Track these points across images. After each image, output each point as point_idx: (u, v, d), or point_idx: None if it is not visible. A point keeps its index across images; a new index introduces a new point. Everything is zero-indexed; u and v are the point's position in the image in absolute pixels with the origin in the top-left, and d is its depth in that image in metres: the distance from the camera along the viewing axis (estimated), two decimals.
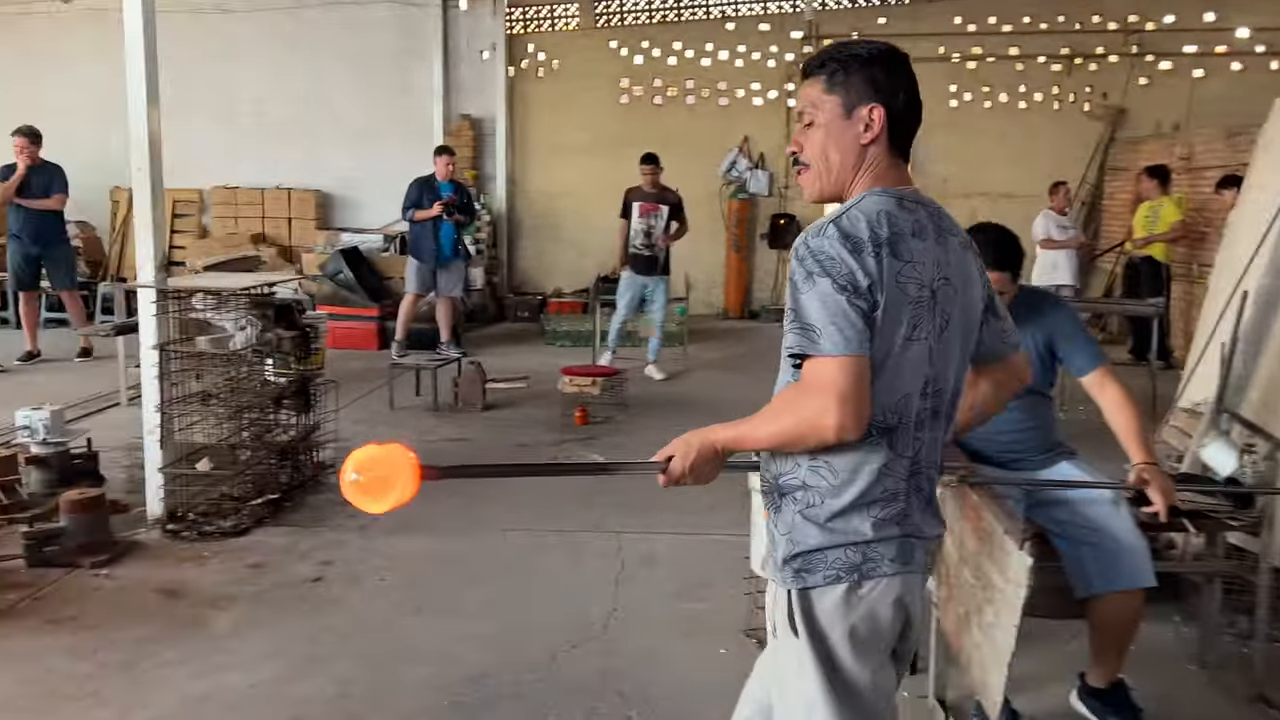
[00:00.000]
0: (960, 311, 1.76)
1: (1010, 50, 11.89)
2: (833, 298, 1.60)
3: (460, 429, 6.66)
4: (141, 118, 4.42)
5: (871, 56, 1.77)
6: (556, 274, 12.72)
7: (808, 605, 1.72)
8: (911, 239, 1.67)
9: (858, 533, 1.69)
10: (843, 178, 1.78)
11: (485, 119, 12.42)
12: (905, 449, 1.71)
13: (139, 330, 7.17)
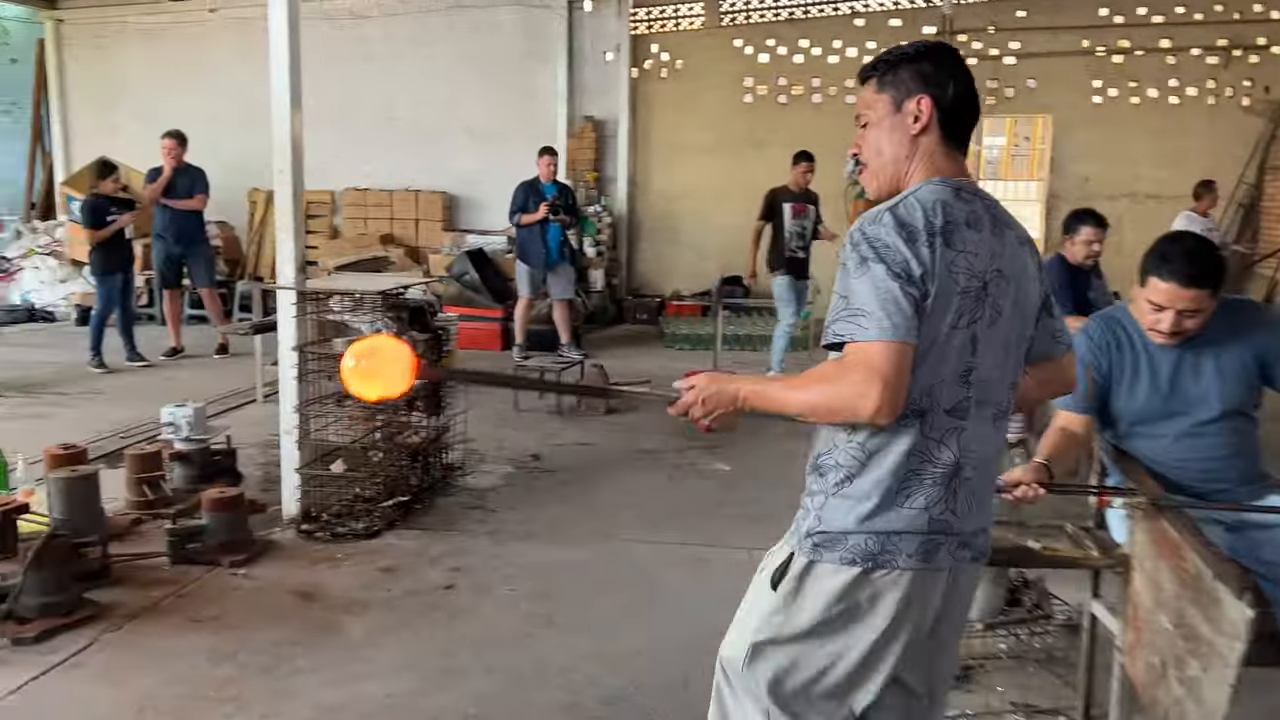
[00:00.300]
0: (1013, 305, 1.76)
1: (1161, 42, 11.20)
2: (885, 284, 1.61)
3: (584, 433, 6.59)
4: (285, 122, 4.46)
5: (919, 53, 1.81)
6: (675, 276, 12.60)
7: (810, 576, 1.75)
8: (966, 229, 1.68)
9: (881, 524, 1.70)
10: (898, 170, 1.81)
11: (608, 120, 12.38)
12: (939, 434, 1.71)
13: (276, 330, 7.41)
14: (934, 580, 1.75)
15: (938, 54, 1.81)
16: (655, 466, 5.84)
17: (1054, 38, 11.47)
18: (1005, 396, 1.81)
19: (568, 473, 5.68)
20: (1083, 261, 5.48)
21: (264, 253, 12.68)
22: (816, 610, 1.75)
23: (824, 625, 1.76)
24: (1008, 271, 1.75)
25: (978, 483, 1.77)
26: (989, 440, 1.79)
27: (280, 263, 4.57)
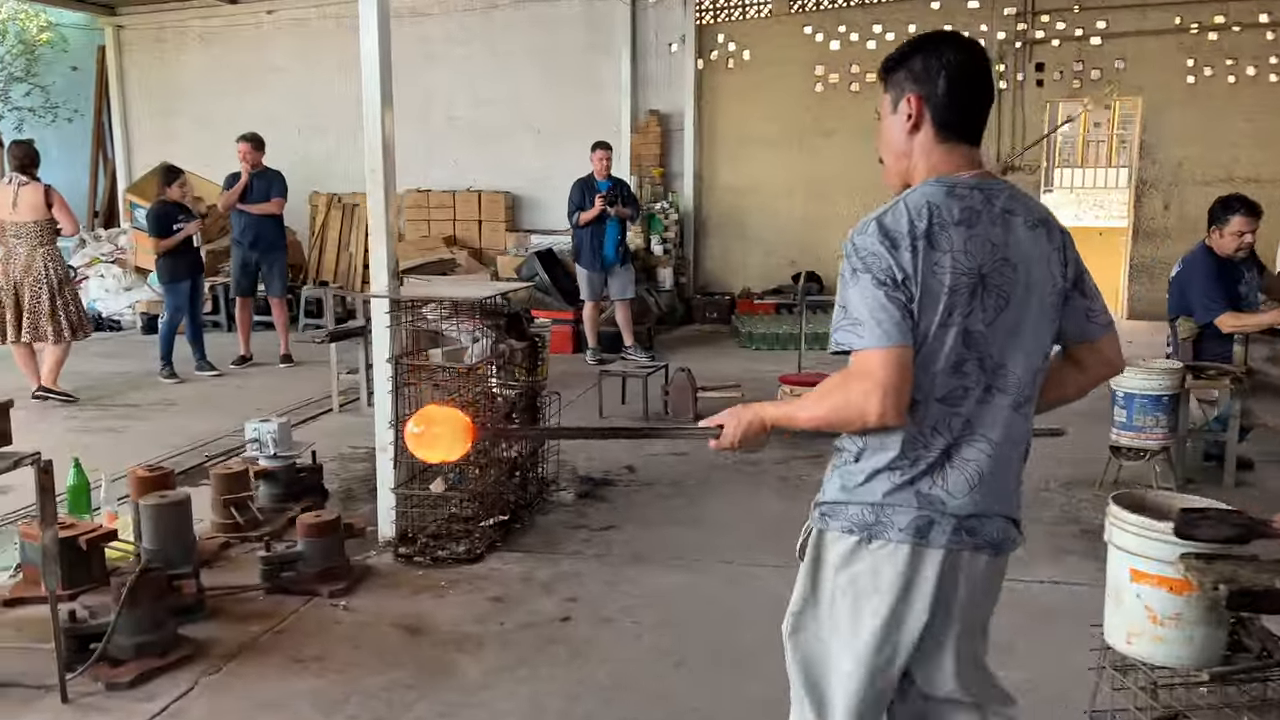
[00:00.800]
0: (1024, 290, 1.79)
1: (1260, 17, 10.59)
2: (873, 293, 1.70)
3: (675, 441, 6.25)
4: (376, 120, 4.20)
5: (912, 49, 1.85)
6: (744, 273, 12.22)
7: (821, 544, 1.91)
8: (954, 228, 1.73)
9: (869, 494, 1.81)
10: (901, 167, 1.88)
11: (673, 114, 12.02)
12: (931, 421, 1.78)
13: (351, 337, 7.18)
14: (929, 560, 1.81)
15: (929, 48, 1.83)
16: (759, 479, 5.49)
17: (1143, 15, 10.91)
18: (1024, 380, 1.83)
19: (667, 486, 5.35)
20: (1233, 253, 5.03)
21: (325, 257, 12.51)
22: (827, 577, 1.90)
23: (838, 594, 1.88)
24: (1015, 258, 1.79)
25: (983, 465, 1.81)
26: (1003, 425, 1.83)
27: (374, 269, 4.29)
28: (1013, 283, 1.79)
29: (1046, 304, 1.85)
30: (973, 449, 1.81)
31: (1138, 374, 4.84)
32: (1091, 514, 4.80)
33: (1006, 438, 1.84)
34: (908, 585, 1.82)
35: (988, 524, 1.85)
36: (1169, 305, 5.30)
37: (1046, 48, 11.15)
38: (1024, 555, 4.07)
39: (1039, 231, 1.84)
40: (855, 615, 1.87)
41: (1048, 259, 1.84)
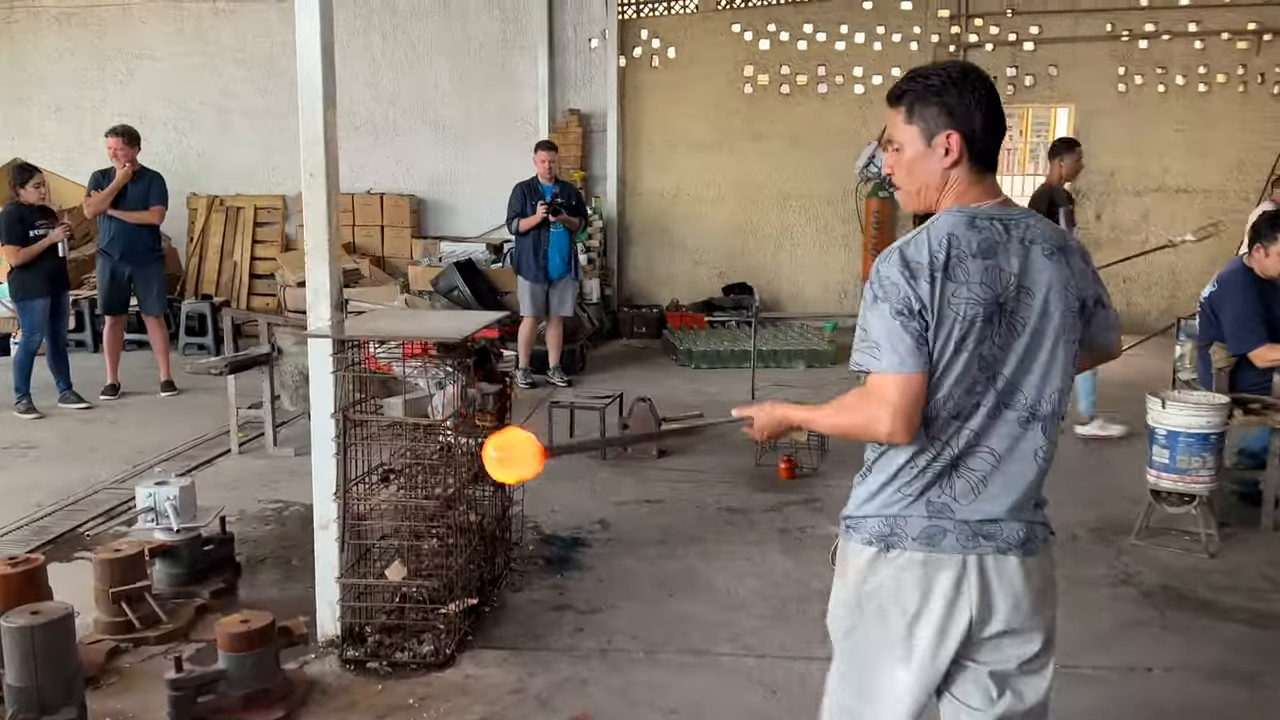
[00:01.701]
0: (1040, 316, 1.86)
1: (1188, 26, 10.51)
2: (890, 321, 1.80)
3: (644, 485, 5.48)
4: (318, 113, 3.29)
5: (943, 84, 1.88)
6: (671, 284, 11.53)
7: (845, 555, 2.00)
8: (971, 260, 1.81)
9: (883, 506, 1.91)
10: (930, 197, 1.93)
11: (594, 114, 11.23)
12: (943, 434, 1.87)
13: (254, 367, 6.14)
14: (943, 565, 1.88)
15: (961, 84, 1.88)
16: (754, 531, 4.77)
17: (1076, 22, 10.70)
18: (1040, 398, 1.88)
19: (652, 546, 4.57)
20: (1275, 274, 4.57)
21: (206, 267, 11.25)
22: (851, 584, 1.96)
23: (863, 599, 1.94)
24: (1033, 286, 1.85)
25: (988, 475, 1.89)
26: (1015, 440, 1.89)
27: (312, 298, 3.37)
28: (1029, 309, 1.86)
29: (1063, 324, 1.89)
30: (977, 459, 1.89)
31: (1183, 410, 4.33)
32: (1142, 570, 4.25)
33: (1012, 450, 1.89)
34: (927, 593, 1.89)
35: (1006, 528, 1.90)
36: (1200, 329, 4.82)
37: (981, 52, 10.82)
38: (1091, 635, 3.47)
39: (1057, 258, 1.89)
40: (885, 622, 1.93)
41: (1065, 284, 1.89)
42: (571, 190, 8.26)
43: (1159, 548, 4.48)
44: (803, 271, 11.34)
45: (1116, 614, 3.80)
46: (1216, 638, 3.60)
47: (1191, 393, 4.53)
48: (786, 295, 11.30)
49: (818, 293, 11.26)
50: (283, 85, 11.18)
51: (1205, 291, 4.83)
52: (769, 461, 5.77)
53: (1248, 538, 4.61)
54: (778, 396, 2.04)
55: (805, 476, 5.62)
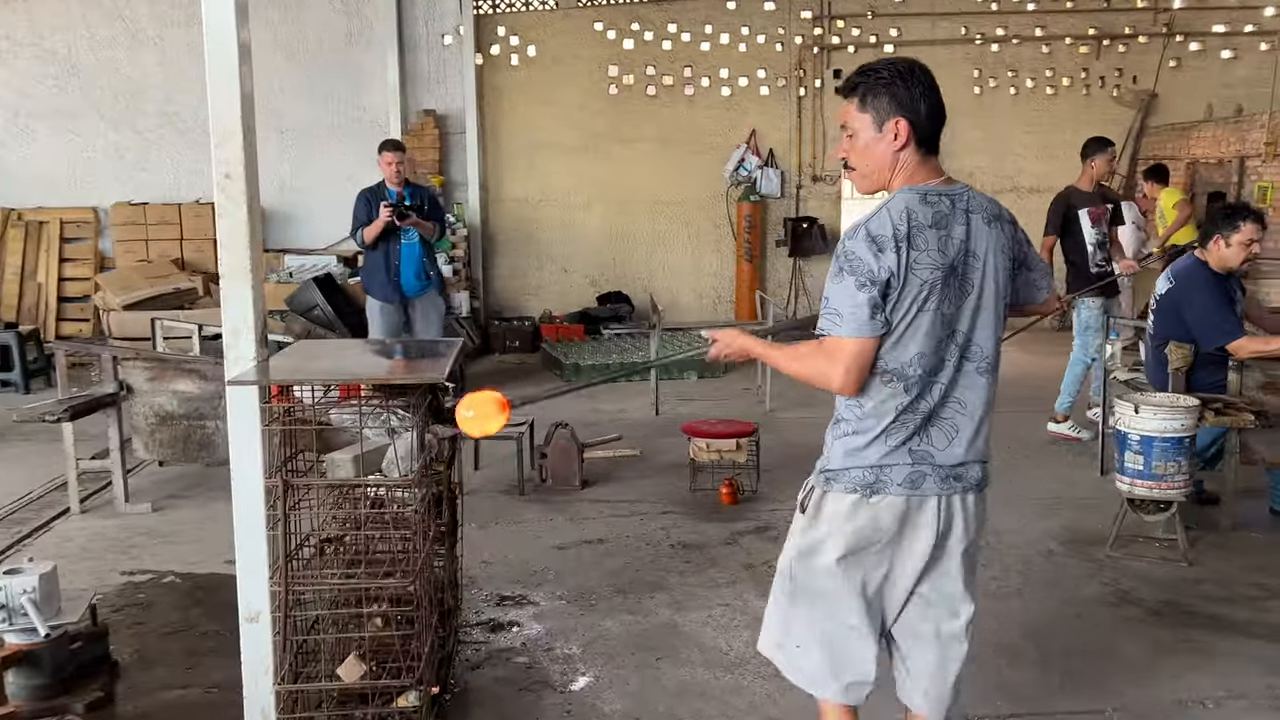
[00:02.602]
0: (983, 277, 2.13)
1: (1035, 31, 10.85)
2: (853, 293, 2.04)
3: (577, 523, 4.92)
4: (233, 98, 2.59)
5: (892, 77, 2.13)
6: (541, 295, 10.96)
7: (823, 502, 2.21)
8: (929, 229, 2.06)
9: (869, 458, 2.14)
10: (882, 178, 2.18)
11: (451, 115, 10.52)
12: (919, 390, 2.11)
13: (98, 410, 5.17)
14: (925, 507, 2.16)
15: (908, 76, 2.13)
16: (718, 569, 4.30)
17: (933, 25, 10.86)
18: (990, 350, 2.18)
19: (614, 597, 4.03)
20: (1237, 266, 4.49)
21: (4, 290, 9.81)
22: (829, 528, 2.20)
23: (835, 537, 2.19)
24: (977, 250, 2.12)
25: (960, 422, 2.16)
26: (975, 389, 2.17)
27: (230, 334, 2.65)
28: (976, 270, 2.12)
29: (1002, 284, 2.17)
30: (949, 409, 2.14)
31: (1158, 414, 4.17)
32: (1134, 585, 4.06)
33: (976, 399, 2.16)
34: (902, 527, 2.15)
35: (969, 470, 2.18)
36: (1156, 328, 4.70)
37: (844, 54, 10.81)
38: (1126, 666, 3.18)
39: (994, 226, 2.15)
40: (861, 559, 2.18)
41: (1001, 248, 2.16)
42: (425, 193, 7.04)
43: (1135, 558, 4.32)
44: (676, 278, 11.00)
45: (1137, 639, 3.57)
46: (1250, 658, 3.41)
47: (1164, 396, 4.39)
48: (661, 303, 10.91)
49: (693, 300, 10.96)
50: (88, 83, 9.93)
51: (1160, 288, 4.72)
52: (705, 485, 5.33)
53: (1214, 540, 4.52)
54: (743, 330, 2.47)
55: (746, 500, 5.21)
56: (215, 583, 4.19)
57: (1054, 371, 7.89)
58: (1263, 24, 10.69)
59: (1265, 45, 10.78)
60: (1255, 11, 10.65)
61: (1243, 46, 10.82)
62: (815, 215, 10.80)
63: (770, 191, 10.77)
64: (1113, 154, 6.49)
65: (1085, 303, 6.34)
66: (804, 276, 11.06)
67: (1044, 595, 3.99)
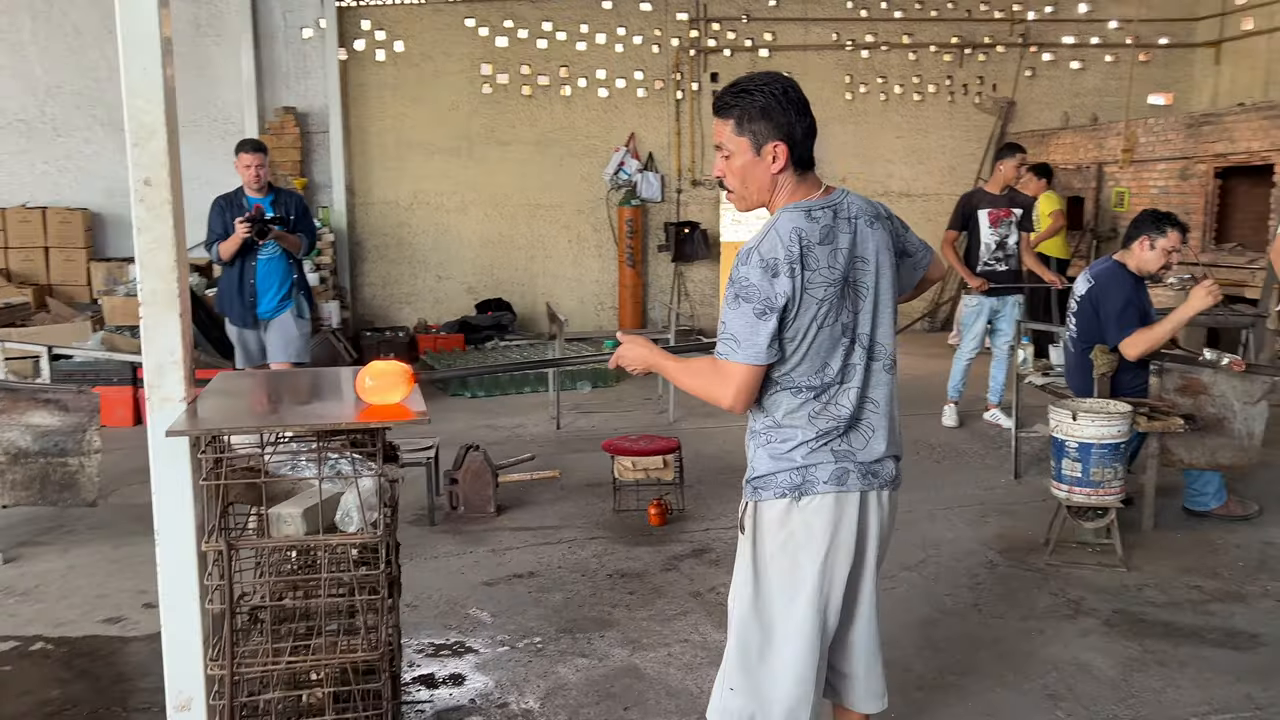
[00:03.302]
0: (875, 277, 2.20)
1: (903, 38, 11.09)
2: (750, 321, 2.09)
3: (503, 556, 4.57)
4: (155, 90, 2.15)
5: (768, 100, 2.15)
6: (415, 303, 10.43)
7: (757, 514, 2.25)
8: (818, 246, 2.12)
9: (793, 460, 2.19)
10: (762, 198, 2.23)
11: (313, 113, 9.87)
12: (833, 396, 2.19)
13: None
14: (849, 502, 2.20)
15: (784, 100, 2.15)
16: (665, 600, 4.04)
17: (805, 30, 10.94)
18: (891, 347, 2.27)
19: (561, 639, 3.71)
20: (1156, 271, 4.57)
21: None
22: (766, 542, 2.23)
23: (777, 553, 2.21)
24: (864, 254, 2.19)
25: (875, 421, 2.23)
26: (883, 386, 2.25)
27: (152, 372, 2.21)
28: (867, 274, 2.19)
29: (891, 280, 2.25)
30: (865, 410, 2.22)
31: (1096, 421, 4.18)
32: (1083, 594, 4.04)
33: (886, 396, 2.25)
34: (835, 528, 2.19)
35: (885, 465, 2.25)
36: (1079, 331, 4.72)
37: (720, 58, 10.75)
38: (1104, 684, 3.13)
39: (876, 226, 2.23)
40: (795, 567, 2.20)
41: (886, 245, 2.24)
42: (293, 200, 6.01)
43: (1074, 565, 4.32)
44: (558, 284, 10.68)
45: (1105, 654, 3.52)
46: (1216, 667, 3.41)
47: (1097, 402, 4.41)
48: (543, 310, 10.57)
49: (575, 306, 10.66)
50: None
51: (1079, 290, 4.75)
52: (629, 506, 5.08)
53: (1137, 541, 4.58)
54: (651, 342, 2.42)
55: (675, 520, 4.98)
56: (97, 649, 3.64)
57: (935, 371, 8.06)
58: (1107, 36, 11.28)
59: (1110, 57, 11.36)
60: (1101, 25, 11.23)
61: (1090, 58, 11.37)
62: (697, 220, 10.68)
63: (651, 196, 10.60)
64: (1022, 159, 6.64)
65: (965, 299, 6.82)
66: (686, 282, 10.93)
67: (1002, 609, 3.92)
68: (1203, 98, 11.47)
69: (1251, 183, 8.30)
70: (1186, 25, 11.50)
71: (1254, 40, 10.85)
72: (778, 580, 2.21)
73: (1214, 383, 4.64)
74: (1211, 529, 4.76)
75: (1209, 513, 4.85)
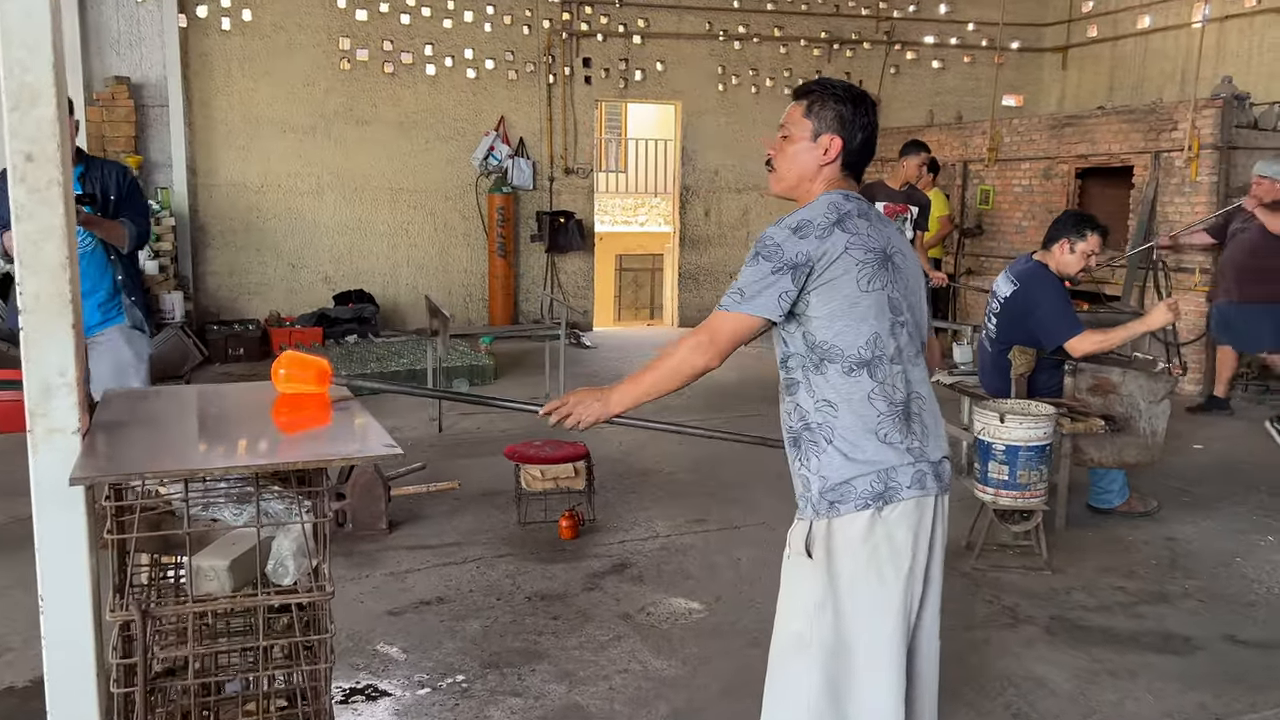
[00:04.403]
0: (908, 276, 2.18)
1: (774, 31, 11.07)
2: (763, 275, 2.05)
3: (406, 580, 4.14)
4: (43, 57, 1.68)
5: (843, 98, 2.19)
6: (267, 294, 9.66)
7: (831, 532, 2.05)
8: (857, 218, 2.11)
9: (878, 461, 2.03)
10: (801, 184, 2.22)
11: (149, 85, 8.96)
12: (889, 377, 2.07)
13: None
14: (926, 507, 2.08)
15: (858, 105, 2.20)
16: (594, 625, 3.73)
17: (680, 18, 10.75)
18: (923, 342, 2.21)
19: (489, 674, 3.34)
20: (1075, 274, 4.58)
21: None
22: (844, 562, 2.05)
23: (859, 572, 2.05)
24: (899, 244, 2.19)
25: (927, 416, 2.14)
26: (924, 378, 2.17)
27: (35, 398, 1.74)
28: (902, 268, 2.16)
29: (922, 293, 2.23)
30: (917, 402, 2.12)
31: (1022, 423, 4.13)
32: (1016, 600, 3.98)
33: (929, 391, 2.18)
34: (916, 537, 2.07)
35: (944, 466, 2.15)
36: (1000, 332, 4.68)
37: (593, 42, 10.43)
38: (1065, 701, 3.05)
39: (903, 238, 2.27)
40: (880, 585, 2.05)
41: (916, 261, 2.26)
42: (114, 174, 4.28)
43: (1000, 569, 4.27)
44: (423, 274, 10.13)
45: (1054, 665, 3.45)
46: (1164, 674, 3.39)
47: (1019, 403, 4.37)
48: (407, 301, 10.01)
49: (442, 297, 10.10)
50: None
51: (1003, 292, 4.70)
52: (537, 518, 4.74)
53: (1054, 541, 4.55)
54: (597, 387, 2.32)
55: (586, 531, 4.68)
56: None
57: None
58: (965, 38, 11.62)
59: (967, 58, 11.71)
60: (960, 26, 11.55)
61: (950, 58, 11.68)
62: (571, 210, 10.34)
63: (523, 183, 10.18)
64: (925, 158, 6.61)
65: None
66: (560, 273, 10.57)
67: (943, 619, 3.80)
68: (1050, 100, 11.98)
69: (1109, 183, 8.66)
70: (1036, 30, 11.97)
71: (1099, 46, 11.41)
72: (865, 603, 2.05)
73: (1122, 382, 4.70)
74: (1117, 526, 4.83)
75: (1112, 510, 4.93)
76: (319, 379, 2.36)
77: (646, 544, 4.55)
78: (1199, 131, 7.54)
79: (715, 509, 5.01)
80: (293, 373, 2.34)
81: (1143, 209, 7.94)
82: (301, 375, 2.34)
